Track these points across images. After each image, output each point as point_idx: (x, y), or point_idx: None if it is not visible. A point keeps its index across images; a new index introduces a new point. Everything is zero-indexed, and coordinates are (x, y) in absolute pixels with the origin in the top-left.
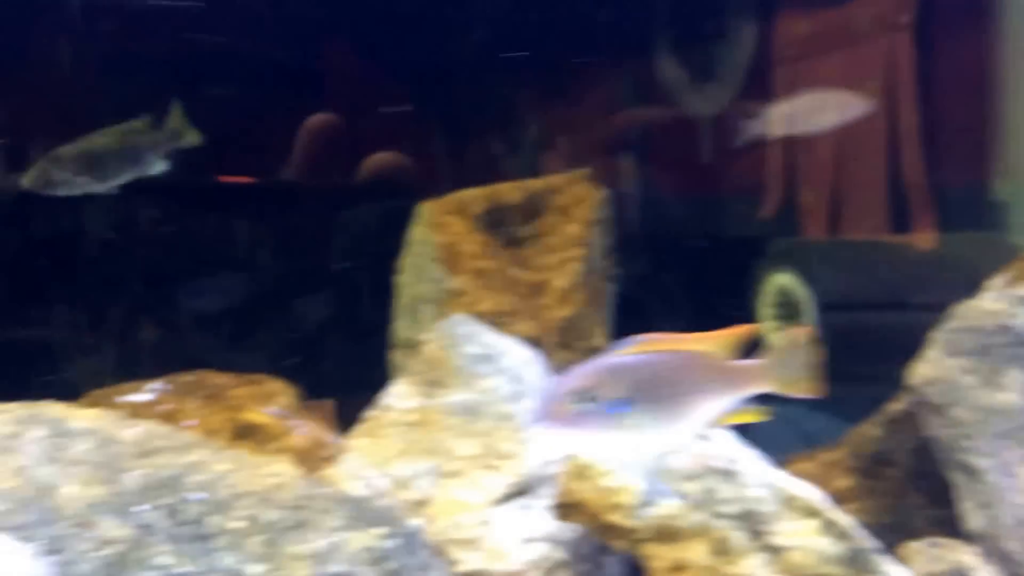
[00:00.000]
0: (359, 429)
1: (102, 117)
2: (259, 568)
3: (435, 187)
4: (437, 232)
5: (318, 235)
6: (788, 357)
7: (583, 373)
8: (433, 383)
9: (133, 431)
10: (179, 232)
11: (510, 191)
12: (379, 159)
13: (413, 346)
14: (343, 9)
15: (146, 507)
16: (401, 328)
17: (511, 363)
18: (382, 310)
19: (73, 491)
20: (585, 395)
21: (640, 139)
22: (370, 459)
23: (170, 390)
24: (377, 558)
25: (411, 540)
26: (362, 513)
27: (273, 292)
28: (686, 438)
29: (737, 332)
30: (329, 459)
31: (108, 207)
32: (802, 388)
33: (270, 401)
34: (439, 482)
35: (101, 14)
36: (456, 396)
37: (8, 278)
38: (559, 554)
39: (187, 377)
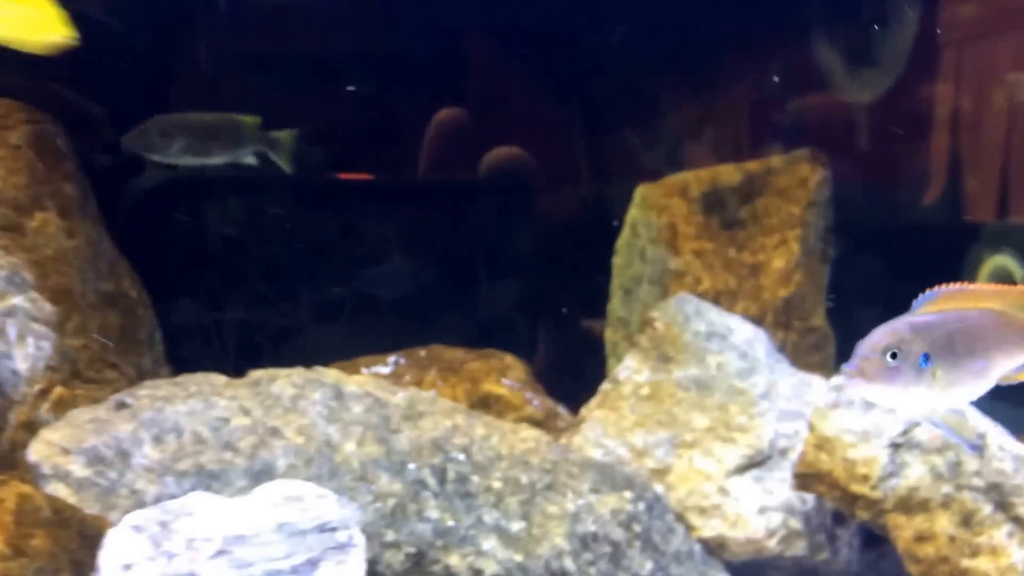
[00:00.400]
0: (594, 401)
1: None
2: (519, 525)
3: (575, 180)
4: (657, 214)
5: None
6: None
7: (888, 331)
8: (663, 358)
9: (400, 396)
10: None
11: (729, 173)
12: (500, 153)
13: (628, 324)
14: (484, 3)
15: (416, 465)
16: (615, 307)
17: (739, 340)
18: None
19: (352, 448)
20: (890, 352)
21: (796, 127)
22: (608, 429)
23: (406, 363)
24: (625, 520)
25: (656, 504)
26: (609, 477)
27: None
28: (980, 393)
29: None
30: (564, 429)
31: (322, 205)
32: None
33: (505, 374)
34: (676, 452)
35: (245, 11)
36: (687, 371)
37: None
38: (794, 524)
39: (420, 352)
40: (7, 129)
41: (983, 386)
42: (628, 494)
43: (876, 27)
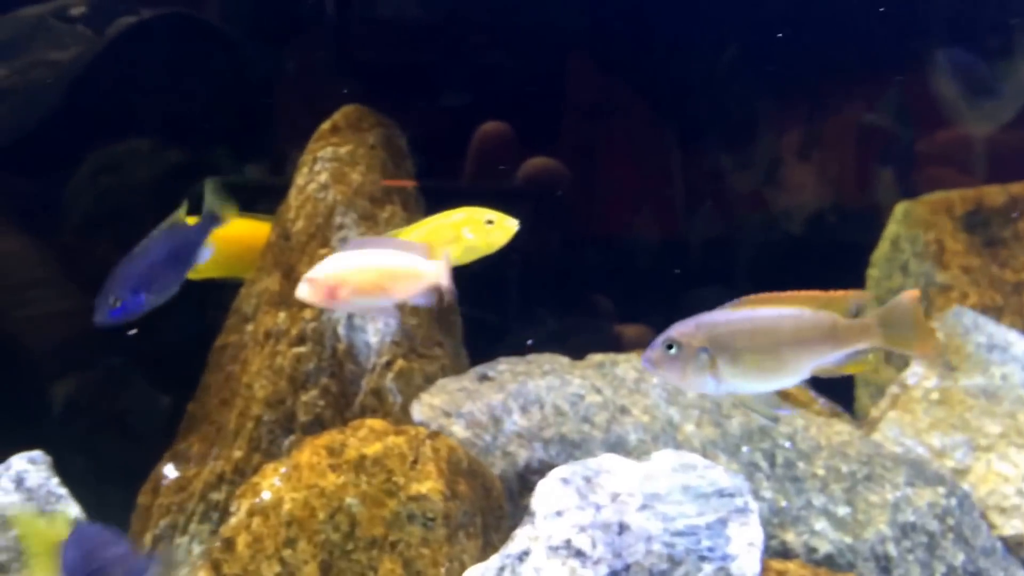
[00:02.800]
0: (884, 402)
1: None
2: (845, 510)
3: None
4: (925, 230)
5: None
6: (895, 316)
7: (676, 327)
8: (948, 367)
9: None
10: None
11: (994, 194)
12: (536, 164)
13: None
14: (582, 18)
15: (749, 449)
16: None
17: (1019, 352)
18: None
19: (692, 429)
20: (671, 343)
21: (909, 155)
22: (905, 429)
23: None
24: (940, 513)
25: (965, 501)
26: (920, 473)
27: None
28: (782, 385)
29: (847, 295)
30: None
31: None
32: (912, 345)
33: None
34: (974, 454)
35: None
36: (973, 380)
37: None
38: None
39: None
40: (364, 131)
41: (783, 378)
42: (941, 489)
43: (999, 58)
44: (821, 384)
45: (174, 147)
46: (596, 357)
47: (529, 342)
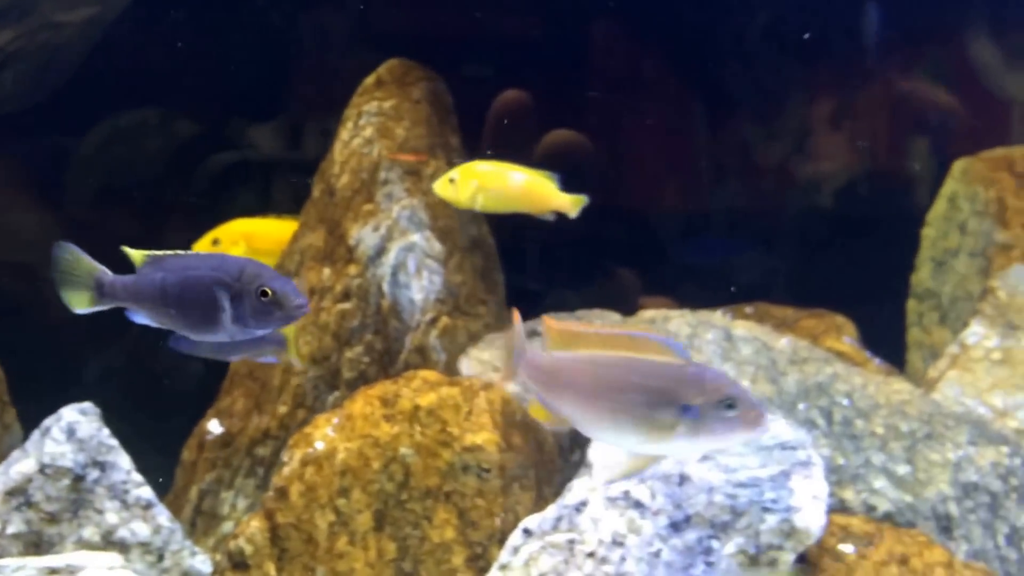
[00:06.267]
0: (942, 362)
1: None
2: (905, 469)
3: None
4: (985, 187)
5: None
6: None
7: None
8: (1010, 326)
9: (783, 342)
10: None
11: None
12: (557, 136)
13: (936, 295)
14: None
15: (806, 406)
16: (923, 278)
17: None
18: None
19: (746, 386)
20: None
21: (943, 123)
22: (966, 389)
23: (733, 318)
24: (1003, 473)
25: None
26: (983, 432)
27: None
28: None
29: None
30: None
31: None
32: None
33: (840, 332)
34: None
35: None
36: None
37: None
38: None
39: (745, 308)
40: (409, 85)
41: None
42: (1005, 449)
43: None
44: (873, 345)
45: (187, 115)
46: (647, 313)
47: None
